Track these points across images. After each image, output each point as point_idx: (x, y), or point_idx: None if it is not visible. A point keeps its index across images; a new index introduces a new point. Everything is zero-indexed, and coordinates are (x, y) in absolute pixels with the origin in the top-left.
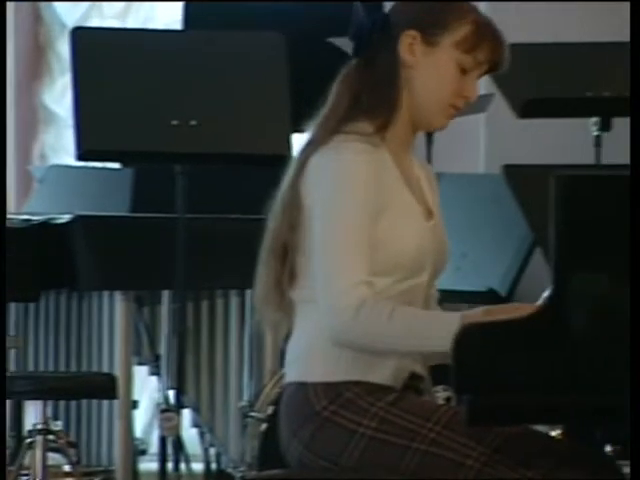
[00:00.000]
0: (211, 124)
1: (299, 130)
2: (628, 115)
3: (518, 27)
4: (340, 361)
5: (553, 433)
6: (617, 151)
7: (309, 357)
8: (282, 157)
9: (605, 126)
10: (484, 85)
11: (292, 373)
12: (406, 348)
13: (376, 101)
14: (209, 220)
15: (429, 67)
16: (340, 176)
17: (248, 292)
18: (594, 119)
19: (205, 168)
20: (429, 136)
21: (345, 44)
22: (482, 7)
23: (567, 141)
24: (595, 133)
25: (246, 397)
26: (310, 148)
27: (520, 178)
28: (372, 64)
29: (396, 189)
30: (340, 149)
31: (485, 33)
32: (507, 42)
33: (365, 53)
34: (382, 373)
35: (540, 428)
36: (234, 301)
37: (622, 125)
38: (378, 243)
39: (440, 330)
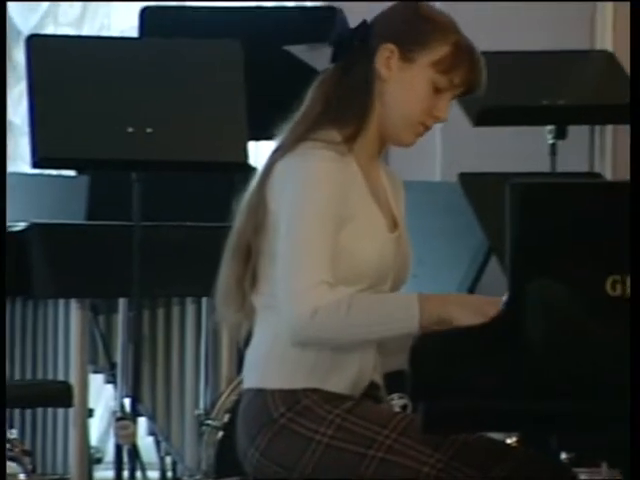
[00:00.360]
0: (167, 131)
1: (255, 137)
2: (583, 123)
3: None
4: (299, 368)
5: (509, 440)
6: (572, 159)
7: (268, 363)
8: (239, 164)
9: (560, 134)
10: None
11: (251, 379)
12: (369, 336)
13: (347, 110)
14: (165, 228)
15: (403, 83)
16: (306, 182)
17: (204, 300)
18: (549, 127)
19: (161, 175)
20: None
21: (302, 51)
22: (438, 6)
23: (523, 149)
24: (550, 141)
25: (202, 405)
26: (278, 153)
27: (476, 186)
28: (348, 72)
29: (361, 199)
30: (307, 156)
31: (464, 57)
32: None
33: (343, 60)
34: (341, 382)
35: (496, 435)
36: (190, 309)
37: (577, 133)
38: (342, 252)
39: (400, 313)
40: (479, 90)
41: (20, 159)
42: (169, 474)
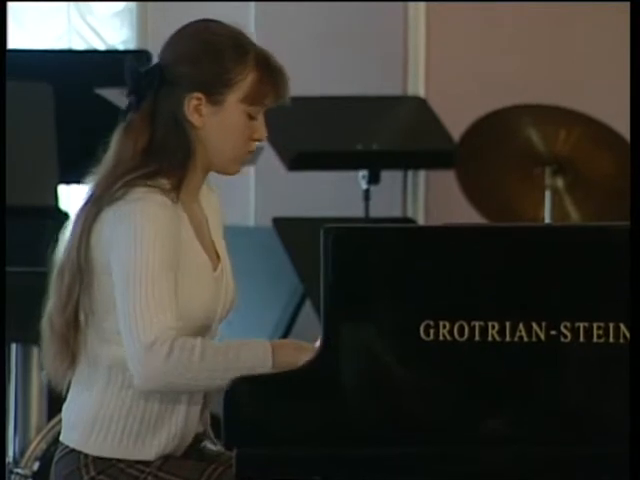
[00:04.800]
0: None
1: (67, 181)
2: (396, 168)
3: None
4: (123, 440)
5: None
6: (386, 204)
7: (93, 429)
8: (49, 209)
9: (374, 179)
10: None
11: (70, 437)
12: (224, 381)
13: (170, 161)
14: None
15: (218, 125)
16: (144, 227)
17: (13, 345)
18: (363, 172)
19: None
20: None
21: (114, 95)
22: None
23: (337, 194)
24: (364, 186)
25: (11, 453)
26: (104, 200)
27: (290, 231)
28: (156, 120)
29: (189, 247)
30: (143, 201)
31: (268, 80)
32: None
33: (147, 106)
34: (167, 447)
35: None
36: None
37: (390, 179)
38: None
39: (252, 358)
40: (287, 98)
41: None
42: None
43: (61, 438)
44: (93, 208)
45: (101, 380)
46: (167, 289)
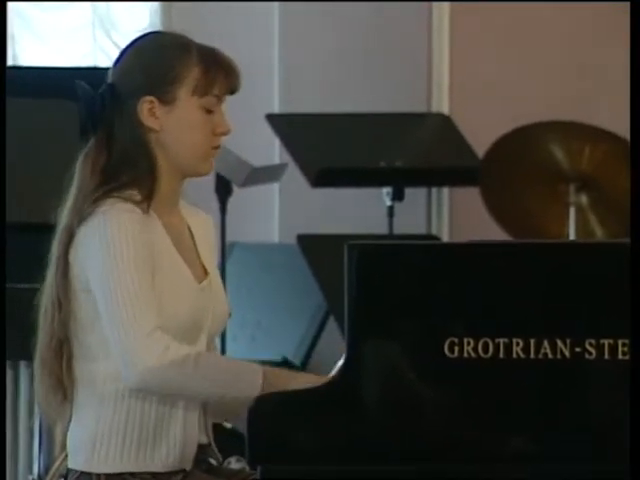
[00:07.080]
0: (7, 193)
1: None
2: (420, 185)
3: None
4: (125, 453)
5: None
6: (410, 221)
7: (95, 447)
8: None
9: (398, 196)
10: (278, 154)
11: (76, 461)
12: (209, 395)
13: (136, 174)
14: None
15: (176, 124)
16: (113, 236)
17: None
18: (387, 189)
19: None
20: (223, 205)
21: None
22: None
23: (361, 211)
24: (388, 203)
25: (36, 470)
26: (75, 220)
27: (314, 248)
28: (113, 139)
29: (165, 253)
30: (108, 212)
31: (214, 68)
32: (235, 65)
33: (102, 128)
34: (169, 457)
35: None
36: (23, 372)
37: (414, 195)
38: None
39: (244, 380)
40: (239, 87)
41: None
42: None
43: (69, 465)
44: (67, 235)
45: (95, 398)
46: (148, 289)
